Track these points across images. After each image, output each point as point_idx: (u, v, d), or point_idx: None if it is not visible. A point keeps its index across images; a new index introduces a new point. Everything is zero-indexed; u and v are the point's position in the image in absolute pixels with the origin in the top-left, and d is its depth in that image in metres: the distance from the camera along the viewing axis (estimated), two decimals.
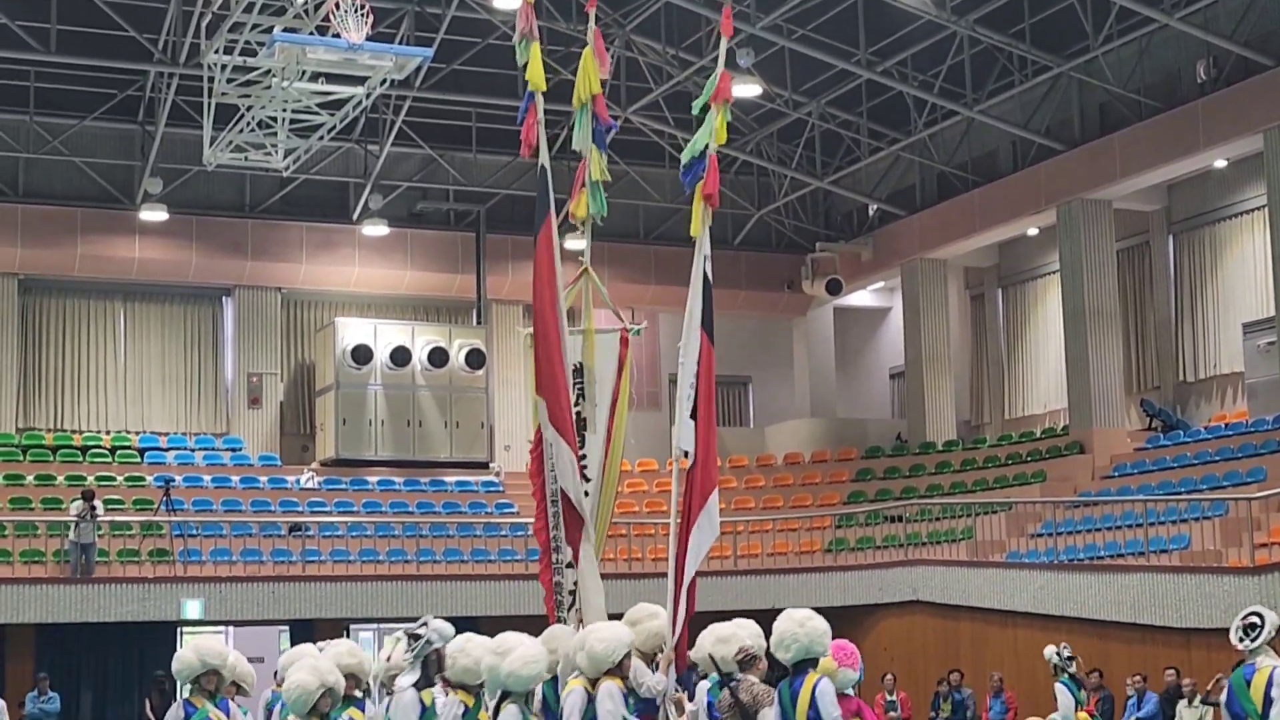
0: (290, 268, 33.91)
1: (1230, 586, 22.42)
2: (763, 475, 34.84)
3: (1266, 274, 28.40)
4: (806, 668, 10.82)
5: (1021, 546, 27.65)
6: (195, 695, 12.37)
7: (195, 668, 12.29)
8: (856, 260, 36.22)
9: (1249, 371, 29.39)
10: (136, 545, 27.75)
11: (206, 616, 26.90)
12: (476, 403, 34.17)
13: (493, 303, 35.04)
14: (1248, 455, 26.82)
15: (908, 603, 27.26)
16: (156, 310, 33.64)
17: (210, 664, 12.35)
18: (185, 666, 12.38)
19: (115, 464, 31.24)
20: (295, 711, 10.53)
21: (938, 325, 34.70)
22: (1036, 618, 24.71)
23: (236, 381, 33.73)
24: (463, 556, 29.09)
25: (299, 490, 31.53)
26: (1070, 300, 30.92)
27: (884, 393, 39.81)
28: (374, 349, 33.12)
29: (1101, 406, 30.42)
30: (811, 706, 10.69)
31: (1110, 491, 27.95)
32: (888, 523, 30.26)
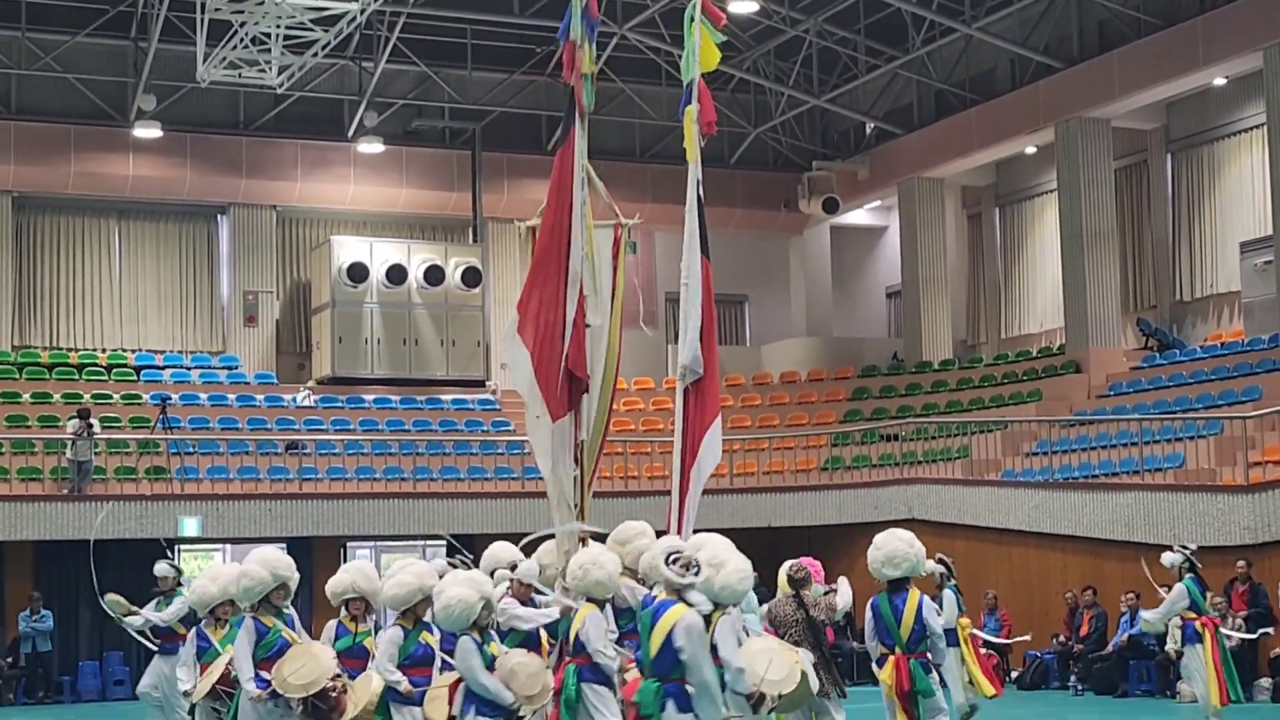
0: (285, 185, 33.75)
1: (1224, 505, 22.51)
2: (759, 394, 34.86)
3: (1265, 193, 28.31)
4: (907, 585, 11.85)
5: (1017, 465, 27.73)
6: (264, 614, 12.42)
7: (268, 583, 12.37)
8: (853, 179, 36.08)
9: (1245, 290, 29.35)
10: (133, 463, 27.79)
11: (204, 534, 26.96)
12: (473, 321, 34.12)
13: (489, 221, 34.91)
14: (1243, 374, 26.85)
15: (903, 521, 27.29)
16: (151, 228, 33.52)
17: (281, 576, 12.50)
18: (258, 583, 12.46)
19: (111, 382, 31.23)
20: (456, 626, 10.72)
21: (934, 244, 34.62)
22: (1031, 536, 24.81)
23: (232, 300, 33.66)
24: (459, 474, 29.15)
25: (295, 408, 31.53)
26: (1068, 219, 30.83)
27: (880, 312, 39.77)
28: (370, 267, 33.03)
29: (1098, 326, 30.41)
30: (917, 620, 11.85)
31: (1106, 410, 27.99)
32: (883, 441, 30.32)
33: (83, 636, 27.01)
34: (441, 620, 10.91)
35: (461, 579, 11.02)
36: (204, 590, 13.16)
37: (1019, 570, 25.59)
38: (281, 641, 12.01)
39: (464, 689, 10.69)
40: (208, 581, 13.19)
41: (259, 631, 12.11)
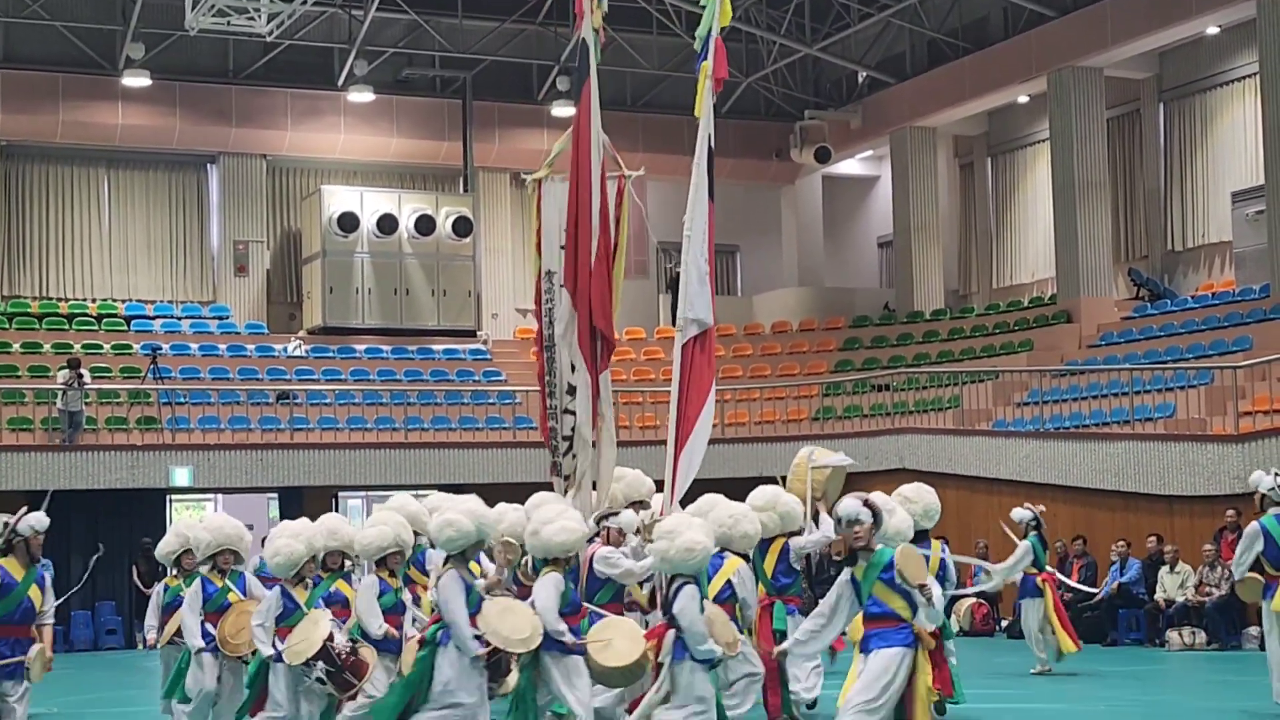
0: (275, 135, 33.63)
1: (1214, 455, 22.59)
2: (750, 344, 34.87)
3: (1256, 142, 28.31)
4: (928, 535, 12.57)
5: (1008, 415, 27.79)
6: (212, 573, 12.76)
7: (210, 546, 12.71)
8: (845, 128, 36.00)
9: (1237, 240, 29.37)
10: (124, 413, 27.80)
11: (195, 484, 27.00)
12: (464, 271, 34.07)
13: (479, 170, 34.82)
14: (1234, 324, 26.89)
15: (894, 471, 27.36)
16: (141, 177, 33.40)
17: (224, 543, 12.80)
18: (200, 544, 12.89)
19: (101, 332, 31.20)
20: (451, 549, 11.03)
21: (926, 194, 34.58)
22: (1021, 485, 24.86)
23: (222, 249, 33.60)
24: (450, 424, 29.19)
25: (286, 358, 31.53)
26: (1060, 169, 30.79)
27: (872, 262, 39.76)
28: (360, 217, 32.95)
29: (1089, 276, 30.42)
30: (941, 567, 12.93)
31: (1097, 360, 28.04)
32: (875, 391, 30.36)
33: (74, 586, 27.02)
34: (443, 543, 11.29)
35: (464, 509, 11.35)
36: (291, 550, 12.21)
37: (1008, 520, 25.64)
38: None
39: None
40: (290, 540, 12.26)
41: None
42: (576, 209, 14.02)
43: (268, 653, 11.69)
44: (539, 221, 14.95)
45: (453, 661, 10.72)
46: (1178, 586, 21.99)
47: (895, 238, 35.40)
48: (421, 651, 10.86)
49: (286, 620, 11.85)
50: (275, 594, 11.95)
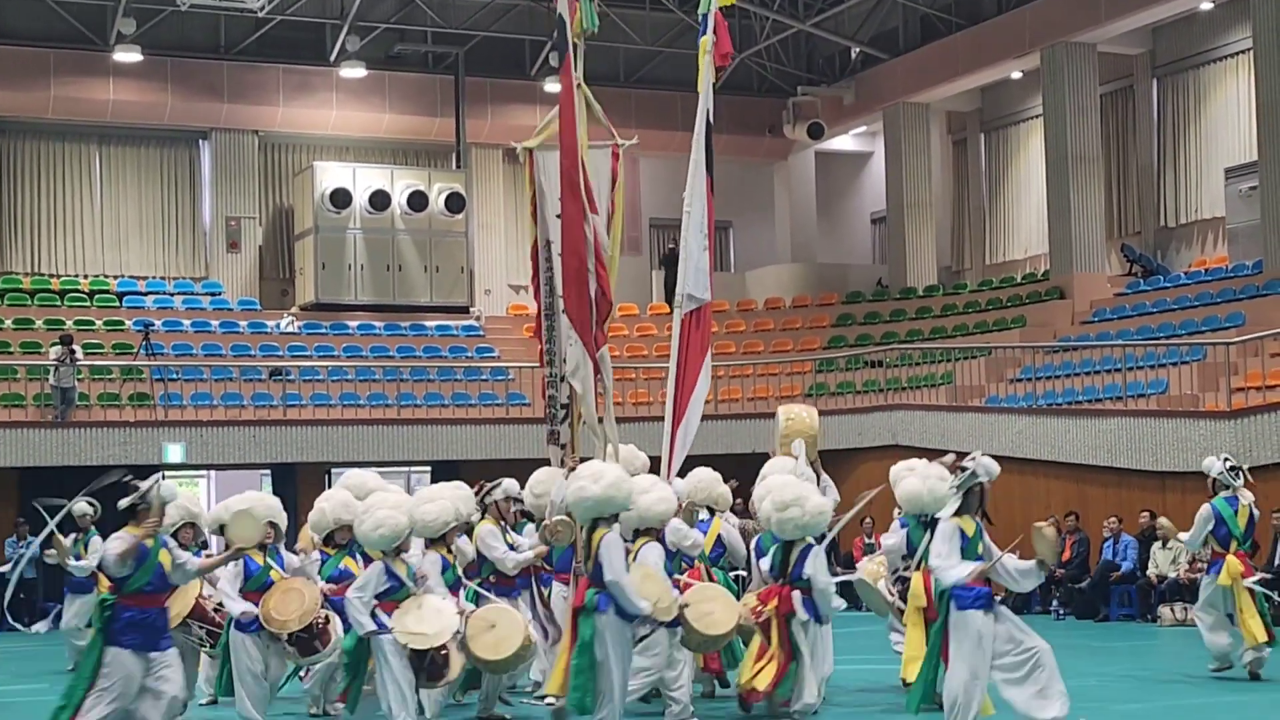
0: (267, 110, 33.55)
1: (1206, 430, 22.60)
2: (743, 320, 34.85)
3: (1250, 118, 28.30)
4: None
5: (1001, 391, 27.80)
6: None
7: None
8: (838, 104, 35.95)
9: (1230, 216, 29.36)
10: (117, 389, 27.77)
11: (188, 460, 26.97)
12: (456, 247, 34.03)
13: (472, 146, 34.76)
14: (1227, 300, 26.90)
15: (887, 447, 27.43)
16: (132, 153, 33.33)
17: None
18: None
19: (94, 308, 31.16)
20: (384, 546, 11.66)
21: (919, 170, 34.55)
22: (1014, 461, 24.84)
23: (215, 225, 33.53)
24: (443, 400, 29.17)
25: (279, 334, 31.49)
26: (1053, 145, 30.76)
27: (865, 238, 39.74)
28: (353, 193, 32.91)
29: (1082, 252, 30.41)
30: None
31: (1089, 337, 28.06)
32: (868, 368, 30.37)
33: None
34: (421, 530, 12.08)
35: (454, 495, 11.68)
36: (395, 522, 11.81)
37: (1002, 496, 25.52)
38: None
39: None
40: (392, 512, 11.88)
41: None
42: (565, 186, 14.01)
43: (368, 628, 11.36)
44: (532, 190, 14.98)
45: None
46: (1170, 562, 22.03)
47: (888, 214, 35.37)
48: None
49: (392, 596, 11.53)
50: (379, 569, 11.60)
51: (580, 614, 11.21)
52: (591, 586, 11.17)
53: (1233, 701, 13.89)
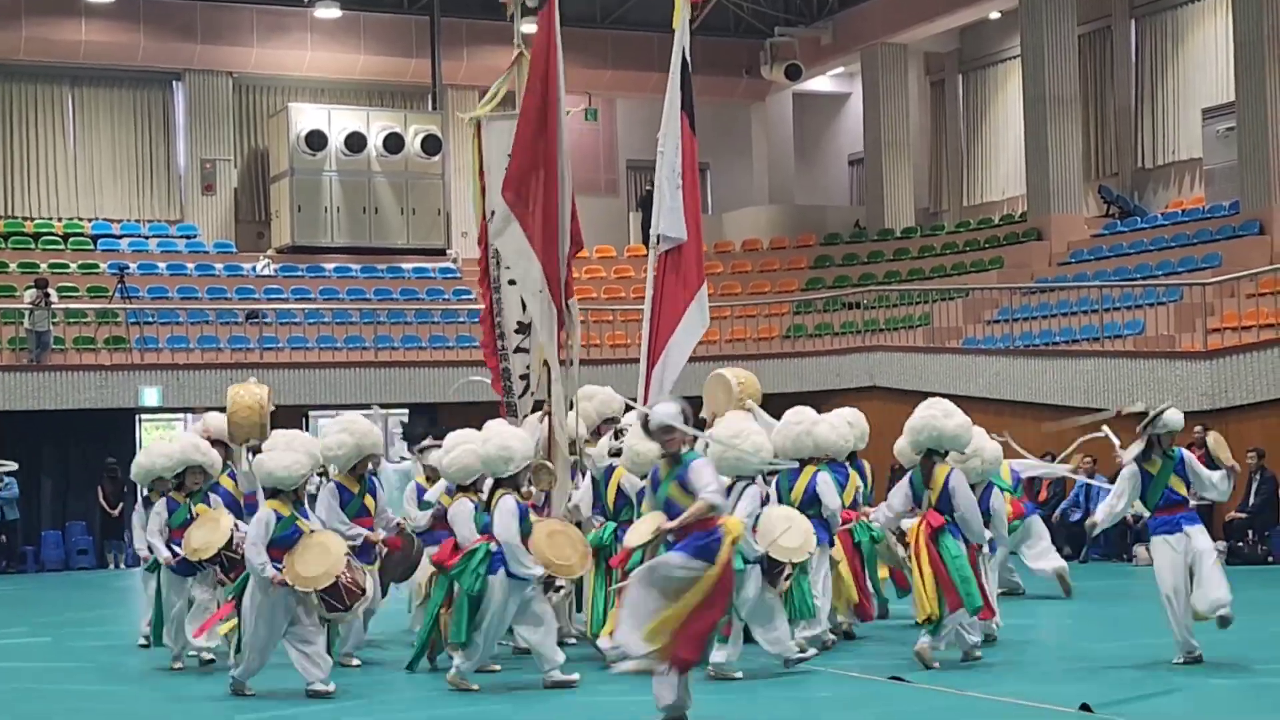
0: (241, 52, 33.31)
1: (1183, 371, 22.73)
2: (721, 262, 34.82)
3: (1227, 59, 28.28)
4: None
5: (978, 333, 27.89)
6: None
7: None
8: (816, 45, 35.83)
9: (1207, 157, 29.43)
10: (92, 333, 27.69)
11: (164, 404, 26.94)
12: (433, 189, 33.92)
13: (448, 88, 34.57)
14: (1203, 241, 26.98)
15: (865, 389, 27.52)
16: (106, 95, 33.09)
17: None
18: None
19: (68, 251, 31.01)
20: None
21: (897, 111, 34.48)
22: (991, 403, 24.98)
23: (189, 168, 33.36)
24: (420, 343, 29.16)
25: (255, 278, 31.41)
26: (1031, 86, 30.70)
27: (843, 179, 39.71)
28: (328, 135, 32.73)
29: (1060, 193, 30.43)
30: None
31: (1067, 278, 28.13)
32: (845, 309, 30.41)
33: (45, 507, 27.09)
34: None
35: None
36: (467, 464, 12.17)
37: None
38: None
39: None
40: (464, 454, 12.20)
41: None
42: (536, 134, 13.79)
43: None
44: (480, 161, 14.90)
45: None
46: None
47: (866, 155, 35.34)
48: None
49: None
50: (470, 506, 11.88)
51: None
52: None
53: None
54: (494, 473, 11.66)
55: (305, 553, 11.34)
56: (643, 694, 9.47)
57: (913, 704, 10.50)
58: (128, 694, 12.37)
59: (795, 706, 10.69)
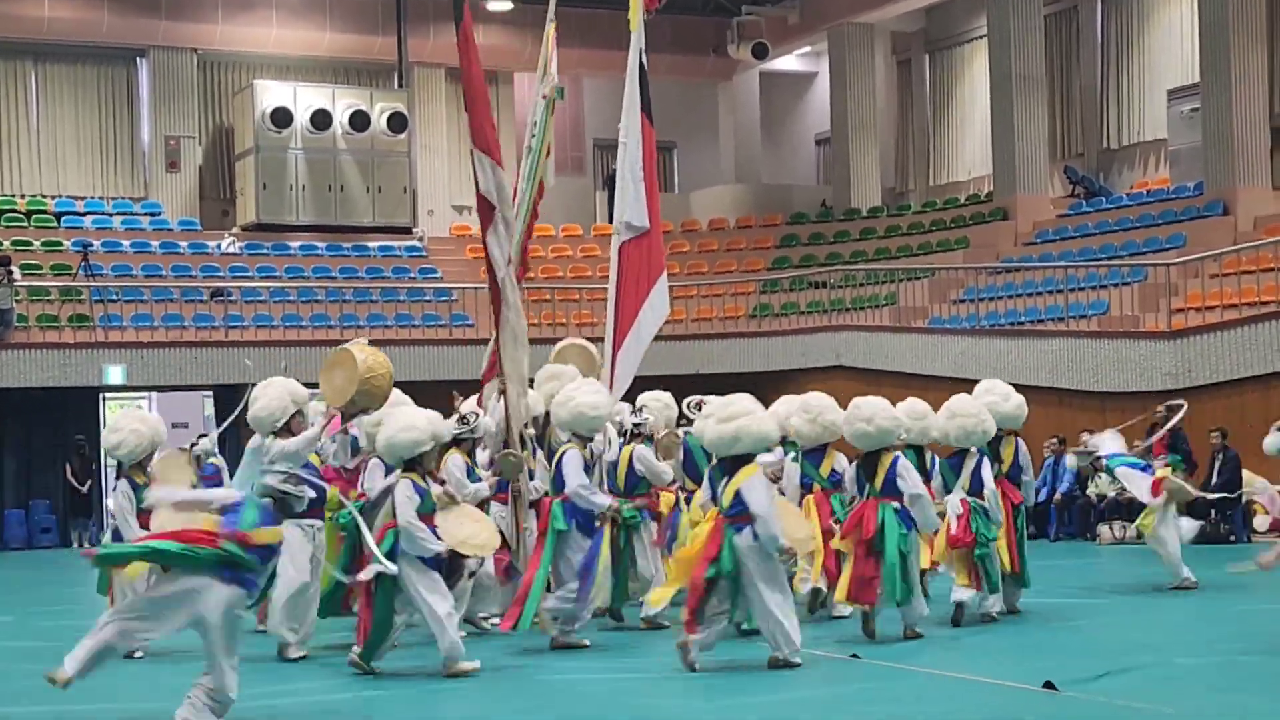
0: (206, 28, 33.09)
1: (1146, 351, 22.83)
2: (687, 241, 34.81)
3: (1193, 40, 28.38)
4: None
5: (944, 312, 27.95)
6: None
7: None
8: (783, 24, 35.78)
9: (1172, 138, 29.52)
10: (55, 311, 27.53)
11: (129, 382, 26.81)
12: (399, 167, 33.79)
13: (414, 65, 34.42)
14: (1168, 221, 27.08)
15: (831, 368, 27.57)
16: (69, 71, 32.85)
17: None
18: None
19: (31, 228, 30.80)
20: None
21: (864, 91, 34.46)
22: (958, 382, 24.94)
23: (153, 145, 33.14)
24: (387, 321, 29.08)
25: (220, 255, 31.26)
26: (997, 66, 30.74)
27: (809, 159, 39.72)
28: (294, 112, 32.58)
29: (1025, 173, 30.49)
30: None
31: (1032, 258, 28.21)
32: (812, 289, 30.43)
33: (7, 485, 26.95)
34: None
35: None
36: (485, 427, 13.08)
37: None
38: None
39: None
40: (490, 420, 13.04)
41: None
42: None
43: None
44: None
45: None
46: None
47: (833, 135, 35.33)
48: None
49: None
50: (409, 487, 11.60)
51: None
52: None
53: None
54: (395, 456, 11.50)
55: (455, 518, 11.43)
56: (593, 673, 9.45)
57: (874, 681, 10.53)
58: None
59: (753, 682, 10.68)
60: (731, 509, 11.03)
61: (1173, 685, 10.09)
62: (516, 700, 10.42)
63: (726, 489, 11.09)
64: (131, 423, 12.84)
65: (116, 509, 12.57)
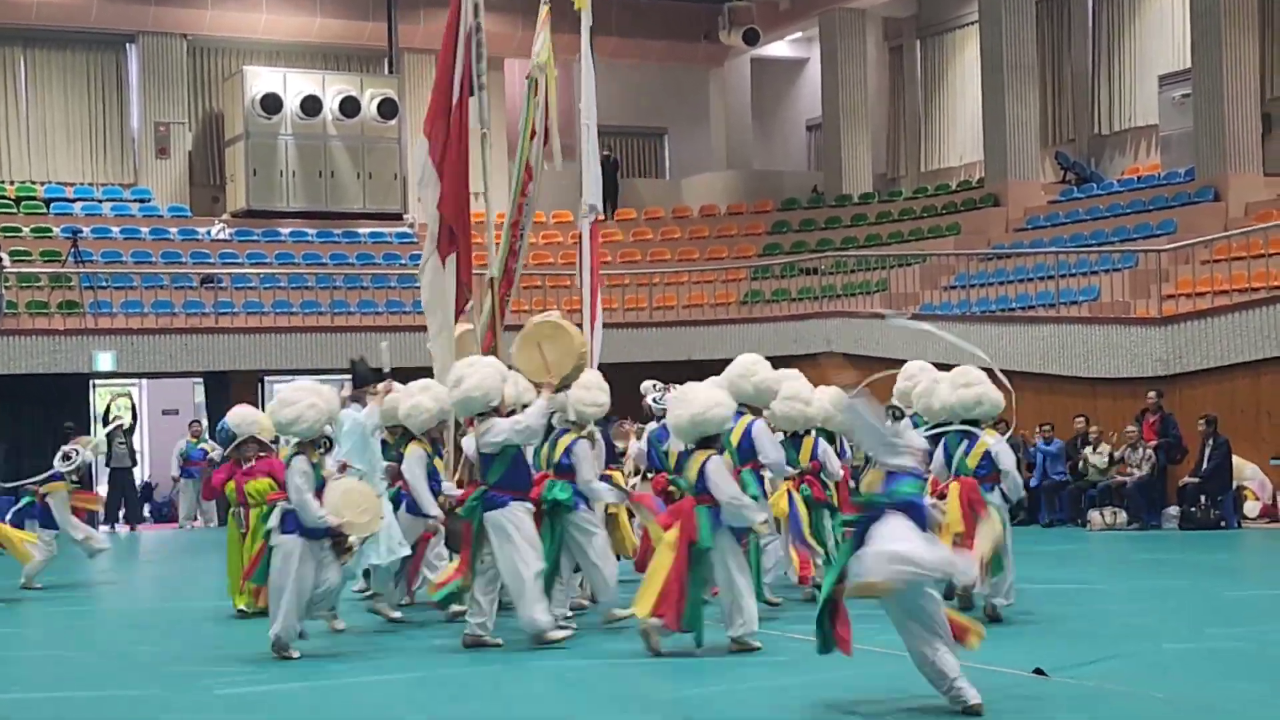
0: (195, 14, 33.02)
1: (1137, 337, 22.83)
2: (679, 227, 34.80)
3: (1184, 26, 28.37)
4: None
5: (935, 298, 27.93)
6: None
7: None
8: (774, 10, 35.74)
9: (1163, 124, 29.51)
10: (45, 297, 27.47)
11: (119, 369, 26.77)
12: (389, 153, 33.73)
13: (404, 52, 34.37)
14: (1159, 208, 27.08)
15: (822, 354, 27.55)
16: (58, 57, 32.76)
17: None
18: None
19: (20, 215, 30.73)
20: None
21: (855, 77, 34.44)
22: (948, 369, 25.01)
23: (143, 131, 33.08)
24: (377, 307, 29.05)
25: (210, 242, 31.20)
26: (988, 52, 30.73)
27: (800, 145, 39.69)
28: (284, 98, 32.50)
29: (1016, 159, 30.48)
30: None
31: (1023, 244, 28.21)
32: (802, 275, 30.42)
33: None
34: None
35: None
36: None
37: None
38: None
39: None
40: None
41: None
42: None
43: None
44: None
45: None
46: (1102, 469, 22.28)
47: (824, 121, 35.30)
48: None
49: None
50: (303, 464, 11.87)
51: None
52: None
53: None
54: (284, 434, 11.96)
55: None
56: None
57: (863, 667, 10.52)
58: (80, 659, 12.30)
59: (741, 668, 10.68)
60: (697, 489, 11.19)
61: (1162, 671, 10.11)
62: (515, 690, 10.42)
63: (690, 467, 11.27)
64: (307, 396, 11.79)
65: (294, 489, 11.52)
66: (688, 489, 11.33)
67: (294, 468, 11.39)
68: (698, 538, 11.08)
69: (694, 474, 11.23)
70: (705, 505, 11.12)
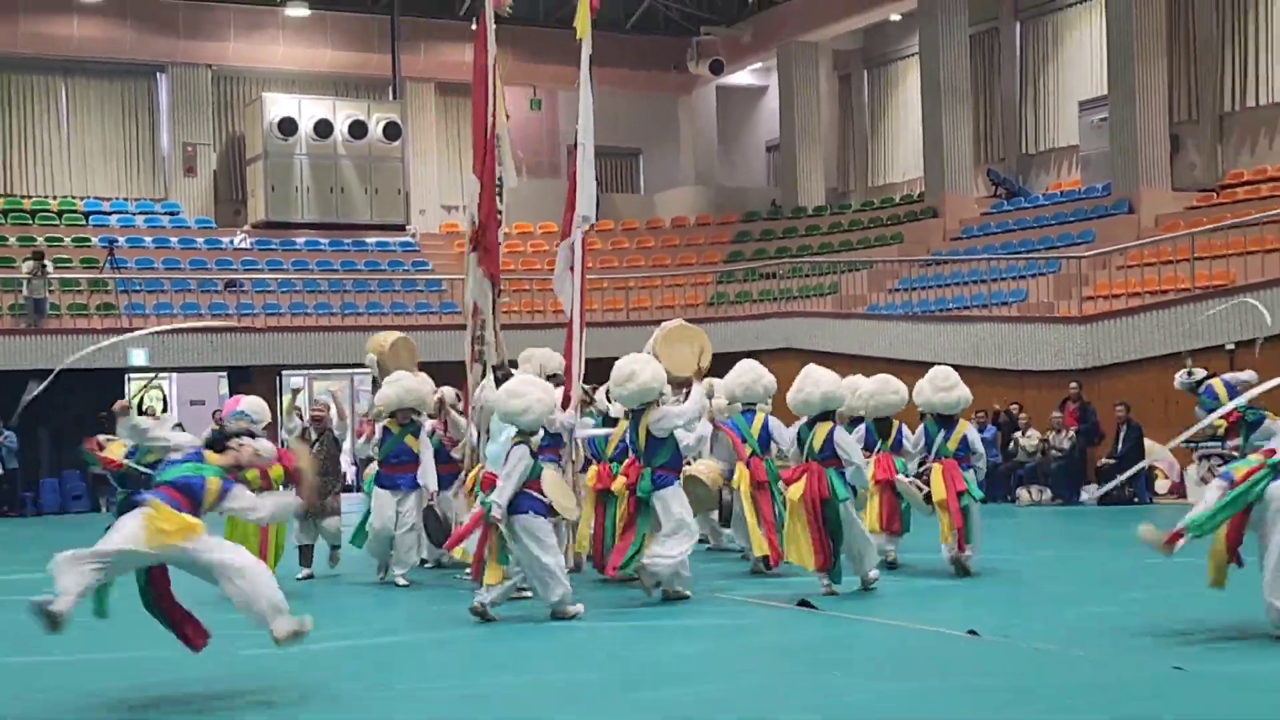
0: (220, 46, 32.88)
1: (1060, 334, 22.85)
2: (652, 237, 34.75)
3: (1101, 57, 28.38)
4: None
5: (881, 300, 27.92)
6: None
7: None
8: (737, 43, 35.71)
9: (1083, 145, 29.53)
10: (85, 300, 27.32)
11: (151, 364, 26.61)
12: (393, 171, 33.61)
13: (407, 80, 34.26)
14: (1079, 219, 27.10)
15: (780, 350, 27.51)
16: (96, 85, 32.59)
17: None
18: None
19: (62, 226, 30.57)
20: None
21: (809, 103, 34.42)
22: (893, 363, 24.98)
23: (172, 152, 32.92)
24: (383, 309, 28.96)
25: (233, 250, 31.06)
26: (927, 80, 30.73)
27: (760, 163, 39.65)
28: (299, 122, 32.38)
29: (953, 175, 30.49)
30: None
31: (959, 251, 28.20)
32: (763, 279, 30.41)
33: (43, 456, 26.72)
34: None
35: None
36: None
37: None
38: None
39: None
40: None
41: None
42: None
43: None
44: None
45: None
46: (1030, 451, 22.28)
47: (781, 142, 35.27)
48: None
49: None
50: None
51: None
52: None
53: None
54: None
55: None
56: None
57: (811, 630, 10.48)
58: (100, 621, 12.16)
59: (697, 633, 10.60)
60: (822, 454, 12.12)
61: (1085, 632, 10.07)
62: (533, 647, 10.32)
63: (816, 436, 12.11)
64: (536, 390, 11.29)
65: (506, 474, 10.99)
66: (811, 456, 12.00)
67: (515, 455, 10.95)
68: (829, 494, 11.74)
69: (819, 442, 11.97)
70: (832, 468, 11.85)
